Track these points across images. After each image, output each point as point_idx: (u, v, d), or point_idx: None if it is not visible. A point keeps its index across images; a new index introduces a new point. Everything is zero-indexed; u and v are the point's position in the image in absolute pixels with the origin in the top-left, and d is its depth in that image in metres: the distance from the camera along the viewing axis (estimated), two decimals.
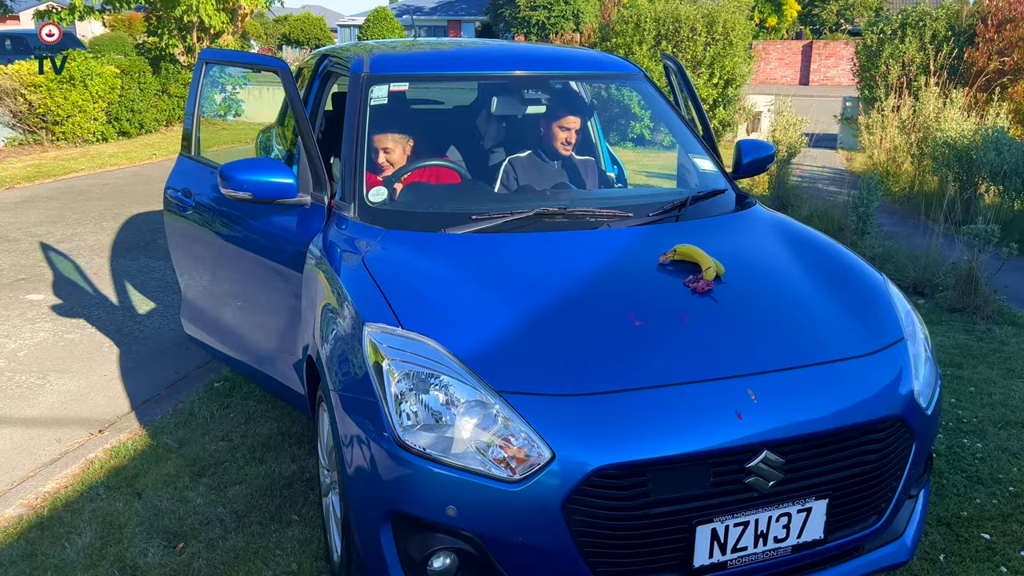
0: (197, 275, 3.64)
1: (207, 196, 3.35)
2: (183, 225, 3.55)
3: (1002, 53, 11.05)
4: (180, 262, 3.76)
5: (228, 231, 3.24)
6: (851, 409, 2.07)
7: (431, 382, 1.99)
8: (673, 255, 2.39)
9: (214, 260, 3.41)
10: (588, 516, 1.88)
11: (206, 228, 3.38)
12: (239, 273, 3.25)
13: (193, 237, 3.51)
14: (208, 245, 3.39)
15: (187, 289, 3.80)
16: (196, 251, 3.54)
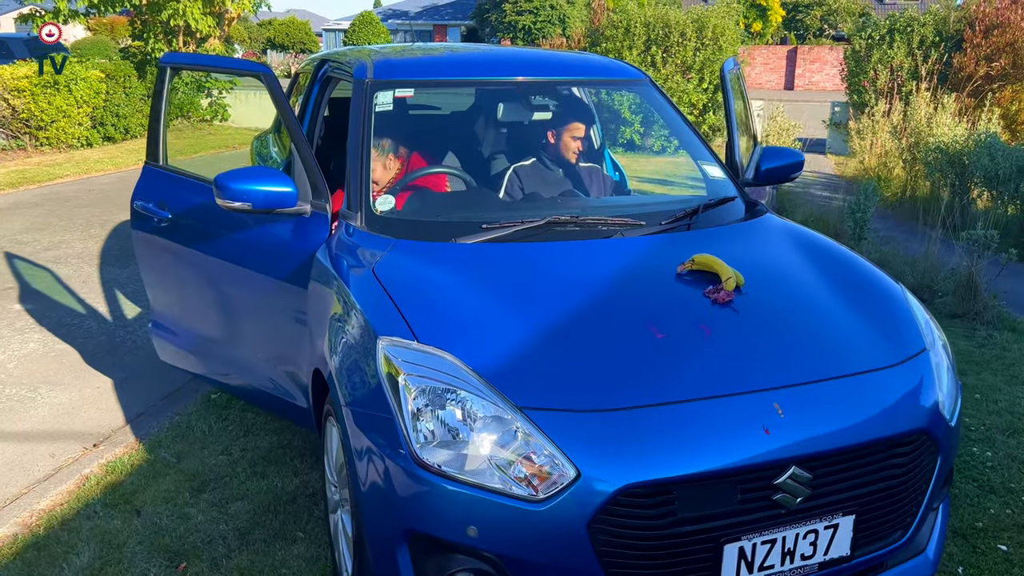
0: (175, 293, 3.40)
1: (186, 208, 3.14)
2: (157, 240, 3.28)
3: (989, 59, 11.13)
4: (154, 280, 3.49)
5: (215, 245, 3.03)
6: (877, 422, 2.02)
7: (449, 397, 1.93)
8: (691, 265, 2.34)
9: (197, 276, 3.19)
10: (614, 536, 1.82)
11: (187, 243, 3.15)
12: (229, 287, 3.08)
13: (170, 253, 3.25)
14: (189, 261, 3.16)
15: (162, 308, 3.51)
16: (174, 268, 3.30)
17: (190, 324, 3.39)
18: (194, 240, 3.14)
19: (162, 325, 3.52)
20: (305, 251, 2.74)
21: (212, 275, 3.12)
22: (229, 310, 3.15)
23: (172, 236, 3.21)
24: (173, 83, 3.39)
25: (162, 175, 3.30)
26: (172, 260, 3.28)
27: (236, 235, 2.97)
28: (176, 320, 3.45)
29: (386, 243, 2.51)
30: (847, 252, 2.68)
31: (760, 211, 2.95)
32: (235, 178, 2.63)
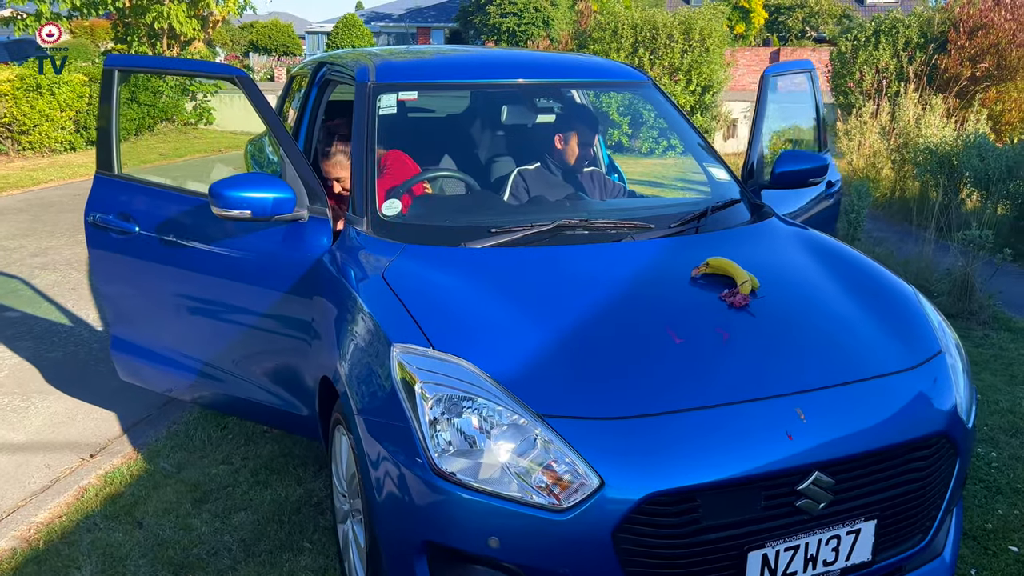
0: (145, 310, 3.18)
1: (162, 220, 2.94)
2: (121, 254, 3.06)
3: (974, 60, 11.22)
4: (116, 297, 3.25)
5: (198, 257, 2.87)
6: (898, 426, 2.01)
7: (467, 406, 1.89)
8: (706, 268, 2.32)
9: (176, 290, 3.03)
10: (638, 544, 1.79)
11: (162, 257, 2.96)
12: (216, 300, 2.94)
13: (140, 268, 3.04)
14: (165, 275, 3.00)
15: (126, 326, 3.27)
16: (144, 283, 3.10)
17: (165, 341, 3.18)
18: (172, 254, 2.94)
19: (127, 343, 3.27)
20: (304, 258, 2.68)
21: (195, 288, 2.97)
22: (216, 323, 3.01)
23: (143, 250, 2.99)
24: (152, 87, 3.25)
25: (122, 185, 3.08)
26: (143, 275, 3.07)
27: (223, 245, 2.83)
28: (146, 338, 3.23)
29: (394, 248, 2.47)
30: (857, 254, 2.67)
31: (766, 213, 2.94)
32: (231, 186, 2.57)
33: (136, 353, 3.27)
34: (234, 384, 3.06)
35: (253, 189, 2.58)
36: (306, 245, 2.69)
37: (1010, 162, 6.54)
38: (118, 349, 3.31)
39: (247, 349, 2.95)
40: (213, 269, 2.88)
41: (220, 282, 2.88)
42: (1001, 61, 11.11)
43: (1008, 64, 11.14)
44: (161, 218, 2.96)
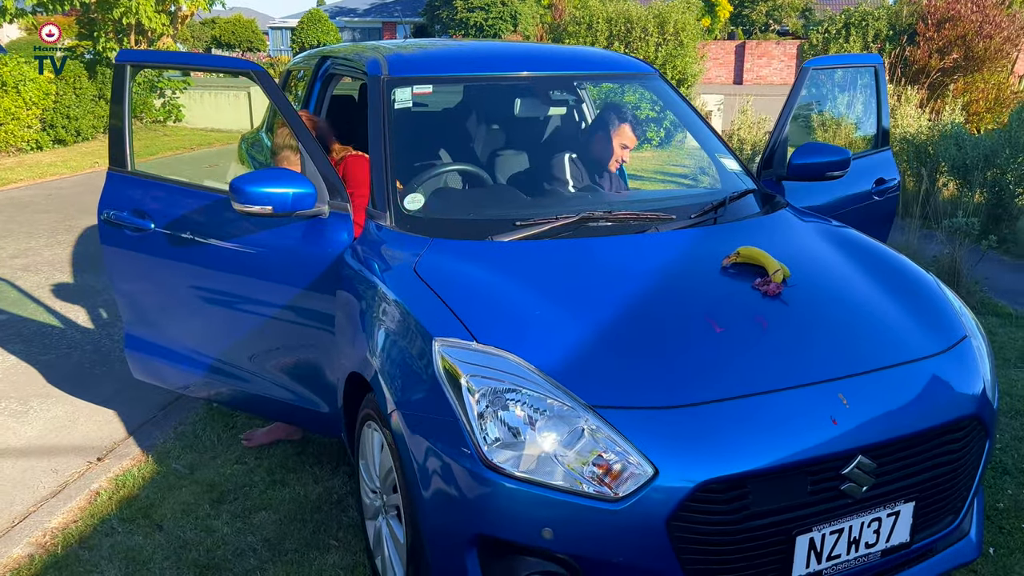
0: (161, 307, 3.14)
1: (179, 216, 2.90)
2: (138, 251, 3.01)
3: (942, 52, 11.47)
4: (132, 294, 3.18)
5: (217, 254, 2.83)
6: (934, 409, 2.05)
7: (516, 398, 1.89)
8: (736, 258, 2.34)
9: (194, 287, 2.97)
10: (691, 532, 1.81)
11: (180, 254, 2.92)
12: (235, 297, 2.89)
13: (156, 264, 2.99)
14: (183, 272, 2.95)
15: (141, 324, 3.21)
16: (161, 280, 3.05)
17: (182, 338, 3.14)
18: (189, 250, 2.90)
19: (142, 341, 3.22)
20: (325, 253, 2.65)
21: (212, 285, 2.93)
22: (234, 321, 2.96)
23: (159, 247, 2.95)
24: None
25: (137, 182, 3.02)
26: (159, 272, 3.02)
27: (241, 242, 2.79)
28: (162, 335, 3.18)
29: (421, 242, 2.46)
30: (875, 243, 2.72)
31: (779, 203, 2.97)
32: (252, 181, 2.54)
33: (151, 351, 3.21)
34: (252, 381, 3.01)
35: (274, 184, 2.54)
36: (327, 241, 2.66)
37: (987, 150, 6.69)
38: (132, 347, 3.24)
39: (266, 346, 2.91)
40: (231, 266, 2.83)
41: (239, 279, 2.84)
42: (968, 52, 11.37)
43: (975, 55, 11.41)
44: (177, 215, 2.91)
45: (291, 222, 2.68)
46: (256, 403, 3.10)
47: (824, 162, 3.14)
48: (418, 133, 3.20)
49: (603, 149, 3.22)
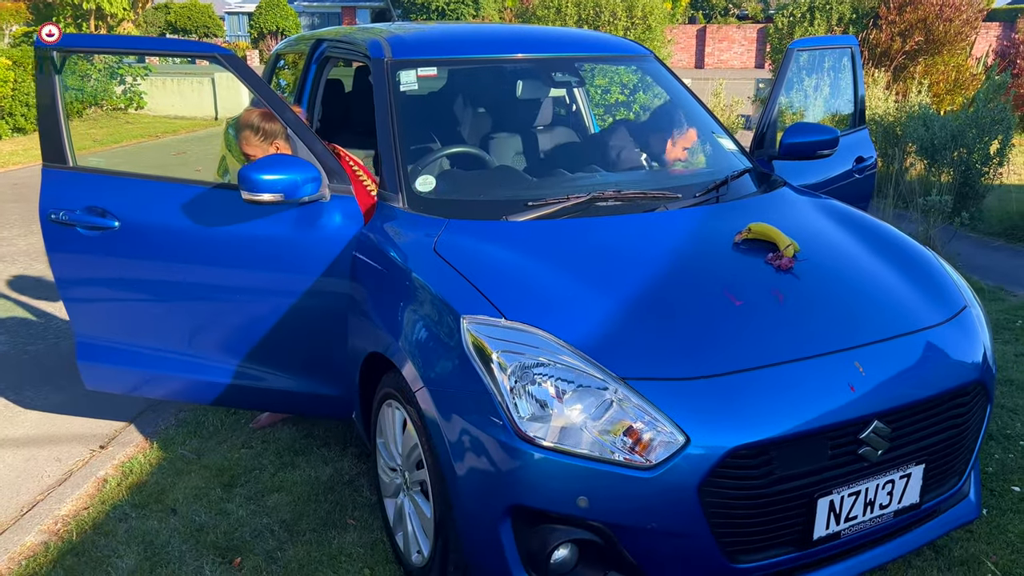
0: (135, 311, 2.92)
1: (154, 212, 2.74)
2: (98, 257, 2.81)
3: (903, 35, 11.70)
4: (93, 301, 2.94)
5: (204, 249, 2.71)
6: (942, 375, 2.15)
7: (549, 372, 1.93)
8: (748, 234, 2.41)
9: (178, 287, 2.80)
10: (720, 497, 1.88)
11: (158, 252, 2.76)
12: (230, 292, 2.77)
13: (127, 267, 2.82)
14: (164, 270, 2.79)
15: (106, 332, 2.97)
16: (136, 282, 2.85)
17: (160, 341, 2.94)
18: (172, 246, 2.75)
19: (104, 348, 2.98)
20: (329, 237, 2.65)
21: (202, 281, 2.77)
22: (228, 315, 2.83)
23: (129, 245, 2.77)
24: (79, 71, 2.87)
25: (89, 178, 2.81)
26: (130, 272, 2.83)
27: (234, 233, 2.69)
28: (133, 340, 2.96)
29: (438, 223, 2.48)
30: (873, 219, 2.81)
31: (777, 182, 3.05)
32: (260, 169, 2.49)
33: (117, 359, 2.98)
34: (249, 375, 2.91)
35: (282, 171, 2.51)
36: (333, 224, 2.65)
37: (954, 131, 6.87)
38: (90, 358, 2.99)
39: (266, 337, 2.83)
40: (223, 259, 2.73)
41: (233, 271, 2.74)
42: (929, 35, 11.62)
43: (936, 38, 11.66)
44: (153, 210, 2.75)
45: (289, 209, 2.64)
46: (256, 396, 2.97)
47: (814, 141, 3.22)
48: (421, 115, 3.21)
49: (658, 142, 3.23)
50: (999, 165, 6.80)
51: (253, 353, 2.86)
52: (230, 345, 2.87)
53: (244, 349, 2.86)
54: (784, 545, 1.99)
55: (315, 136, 2.71)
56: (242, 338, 2.85)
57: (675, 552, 1.92)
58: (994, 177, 6.86)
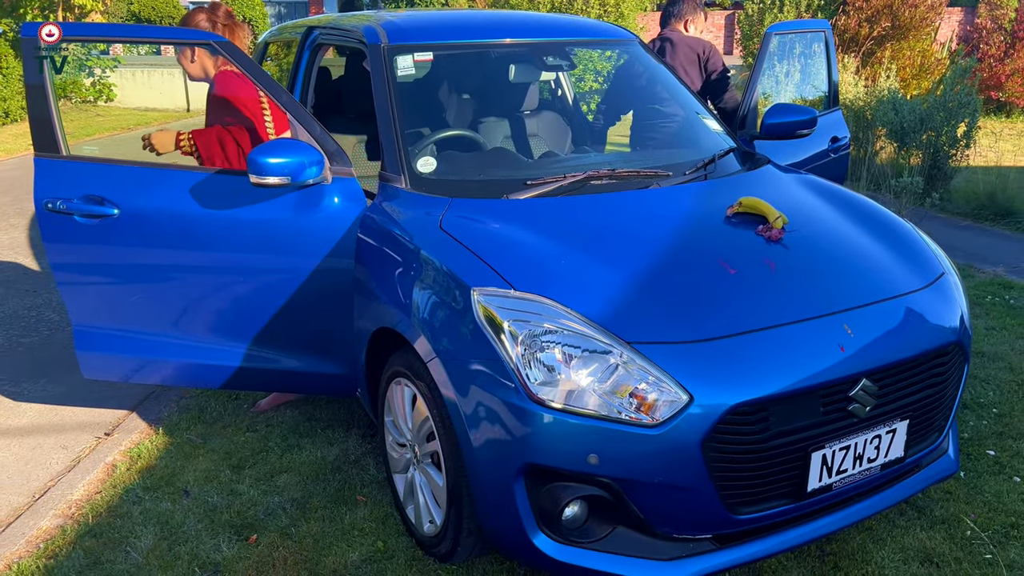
0: (136, 297, 2.95)
1: (155, 198, 2.78)
2: (97, 245, 2.84)
3: (870, 21, 11.94)
4: (91, 289, 2.96)
5: (211, 232, 2.77)
6: (924, 336, 2.29)
7: (558, 339, 2.04)
8: (739, 207, 2.53)
9: (182, 272, 2.86)
10: (721, 452, 2.00)
11: (160, 239, 2.80)
12: (234, 275, 2.82)
13: (127, 253, 2.86)
14: (167, 256, 2.84)
15: (106, 319, 2.99)
16: (137, 268, 2.90)
17: (163, 326, 2.97)
18: (174, 232, 2.79)
19: (104, 336, 3.01)
20: (331, 218, 2.72)
21: (207, 264, 2.83)
22: (233, 298, 2.88)
23: (129, 232, 2.81)
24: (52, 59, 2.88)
25: (85, 167, 2.84)
26: (131, 259, 2.88)
27: (238, 216, 2.74)
28: (134, 326, 2.99)
29: (441, 202, 2.57)
30: (854, 193, 2.94)
31: (761, 160, 3.17)
32: (268, 152, 2.57)
33: (117, 347, 3.01)
34: (253, 357, 2.96)
35: (289, 154, 2.59)
36: (335, 205, 2.72)
37: (923, 114, 7.07)
38: (90, 347, 3.01)
39: (272, 321, 2.88)
40: (228, 243, 2.78)
41: (237, 255, 2.79)
42: (895, 21, 11.86)
43: (902, 23, 11.91)
44: (154, 196, 2.79)
45: (291, 191, 2.71)
46: (263, 377, 3.04)
47: (794, 121, 3.36)
48: (418, 99, 3.29)
49: None
50: (966, 147, 7.02)
51: (259, 336, 2.92)
52: (236, 328, 2.94)
53: (250, 332, 2.92)
54: (781, 497, 2.12)
55: (314, 119, 2.78)
56: (248, 321, 2.91)
57: (680, 505, 2.03)
58: (961, 159, 7.08)
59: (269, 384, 3.11)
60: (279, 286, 2.82)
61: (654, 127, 3.42)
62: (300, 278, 2.79)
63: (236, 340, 2.95)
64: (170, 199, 2.80)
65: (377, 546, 2.56)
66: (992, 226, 6.52)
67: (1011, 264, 5.37)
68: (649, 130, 3.38)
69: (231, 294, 2.88)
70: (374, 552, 2.53)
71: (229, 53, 2.75)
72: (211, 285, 2.88)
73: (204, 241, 2.81)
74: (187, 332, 2.99)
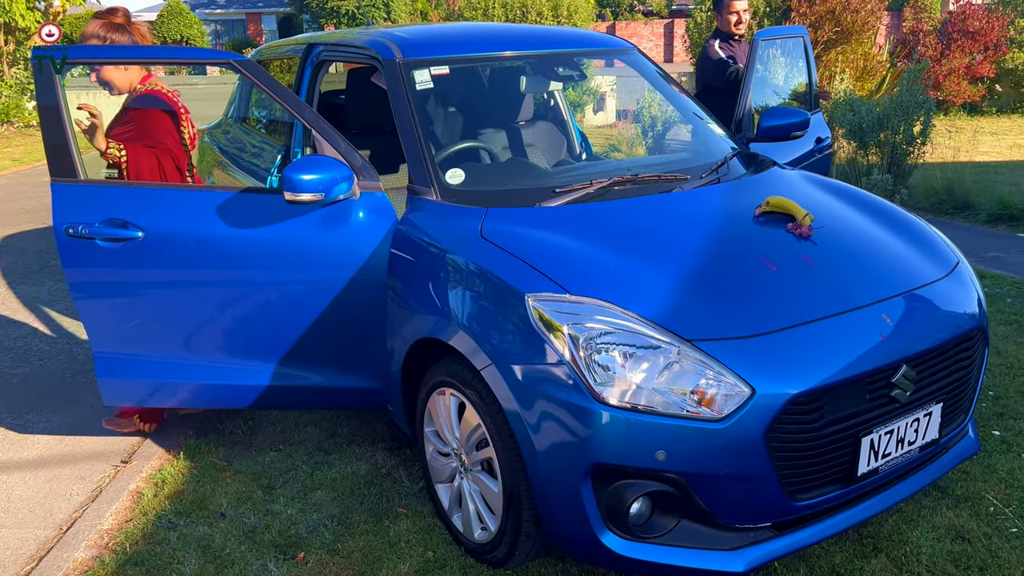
0: (161, 321, 2.92)
1: (182, 220, 2.77)
2: (121, 269, 2.83)
3: (815, 26, 12.36)
4: (113, 314, 2.92)
5: (241, 251, 2.76)
6: (952, 322, 2.41)
7: (617, 340, 2.09)
8: (766, 207, 2.62)
9: (212, 291, 2.85)
10: (782, 442, 2.07)
11: (188, 259, 2.80)
12: (266, 292, 2.81)
13: (151, 277, 2.85)
14: (196, 277, 2.83)
15: (129, 344, 2.95)
16: (164, 291, 2.89)
17: (189, 349, 2.96)
18: (203, 252, 2.78)
19: (126, 361, 2.97)
20: (360, 234, 2.73)
21: (236, 284, 2.83)
22: (263, 318, 2.86)
23: (155, 256, 2.79)
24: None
25: (106, 190, 2.83)
26: (157, 281, 2.86)
27: (268, 235, 2.74)
28: (159, 350, 2.97)
29: (477, 212, 2.60)
30: (862, 191, 3.07)
31: (766, 162, 3.28)
32: (301, 170, 2.58)
33: (140, 372, 2.98)
34: (287, 376, 2.94)
35: (319, 171, 2.59)
36: (363, 220, 2.73)
37: (880, 115, 7.36)
38: (111, 373, 2.97)
39: (303, 338, 2.87)
40: (256, 262, 2.77)
41: (267, 272, 2.78)
42: (839, 26, 12.31)
43: (845, 28, 12.37)
44: (180, 219, 2.78)
45: (320, 208, 2.71)
46: (293, 395, 3.01)
47: (789, 123, 3.50)
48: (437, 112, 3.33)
49: None
50: (922, 144, 7.33)
51: (290, 353, 2.91)
52: (266, 347, 2.91)
53: (280, 350, 2.90)
54: (835, 483, 2.21)
55: (339, 135, 2.78)
56: (278, 339, 2.89)
57: (744, 495, 2.10)
58: (918, 156, 7.38)
59: (299, 401, 3.09)
60: (308, 303, 2.81)
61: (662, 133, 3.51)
62: (330, 294, 2.79)
63: (266, 358, 2.93)
64: (196, 220, 2.78)
65: (427, 556, 2.57)
66: (951, 219, 6.82)
67: (978, 255, 5.63)
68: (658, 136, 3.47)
69: (261, 313, 2.86)
70: (425, 562, 2.54)
71: (252, 73, 2.75)
72: (240, 304, 2.86)
73: (232, 260, 2.79)
74: (215, 353, 2.96)
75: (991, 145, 10.59)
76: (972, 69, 13.28)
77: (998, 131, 11.98)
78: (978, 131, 11.03)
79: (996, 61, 13.49)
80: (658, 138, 3.51)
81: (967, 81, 13.33)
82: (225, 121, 4.76)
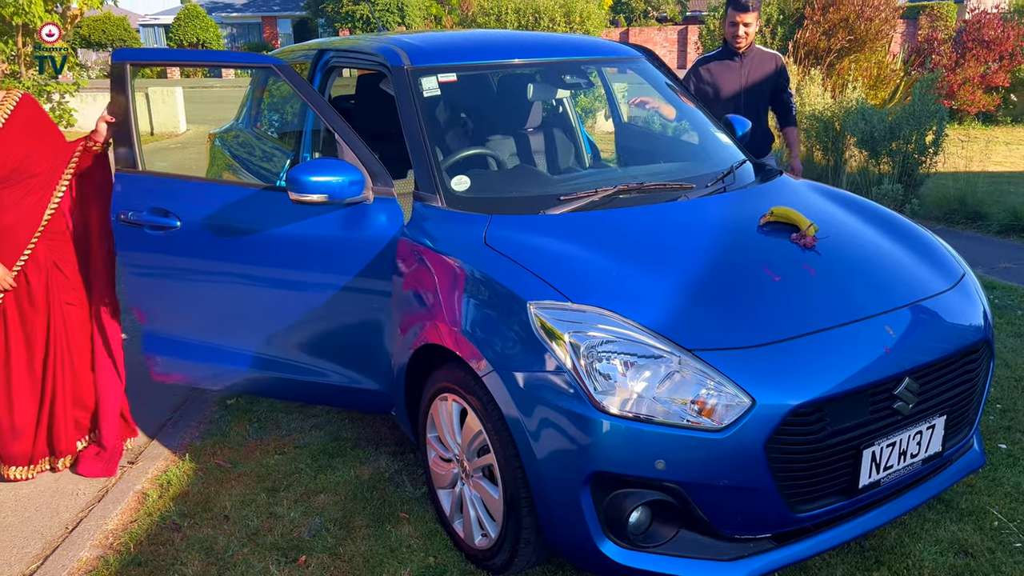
0: (192, 305, 3.16)
1: (210, 212, 2.95)
2: (161, 255, 3.06)
3: (828, 34, 12.33)
4: (152, 295, 3.16)
5: (258, 246, 2.90)
6: (956, 334, 2.40)
7: (618, 348, 2.09)
8: (771, 217, 2.62)
9: (230, 283, 3.03)
10: (783, 452, 2.07)
11: (212, 250, 2.98)
12: (279, 287, 2.95)
13: (186, 263, 3.06)
14: (219, 267, 3.02)
15: (164, 325, 3.20)
16: (194, 278, 3.10)
17: (214, 333, 3.16)
18: (225, 245, 2.96)
19: (164, 340, 3.22)
20: (373, 237, 2.75)
21: (254, 277, 2.99)
22: (277, 310, 3.00)
23: (188, 245, 3.00)
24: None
25: (153, 180, 3.08)
26: (189, 269, 3.08)
27: (283, 232, 2.85)
28: (191, 332, 3.19)
29: (481, 219, 2.61)
30: (869, 201, 3.06)
31: (773, 171, 3.28)
32: (308, 171, 2.64)
33: (175, 351, 3.21)
34: (297, 369, 3.06)
35: (328, 173, 2.64)
36: (373, 225, 2.76)
37: (892, 124, 7.33)
38: (154, 346, 3.23)
39: (313, 333, 2.97)
40: (273, 257, 2.90)
41: (281, 269, 2.91)
42: (852, 34, 12.28)
43: (858, 36, 12.33)
44: (209, 211, 2.95)
45: (334, 209, 2.77)
46: (306, 390, 3.14)
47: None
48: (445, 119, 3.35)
49: None
50: (935, 154, 7.30)
51: (300, 348, 3.02)
52: (277, 339, 3.04)
53: (291, 344, 3.03)
54: (836, 494, 2.20)
55: (361, 142, 2.82)
56: (288, 333, 3.02)
57: (743, 505, 2.10)
58: (930, 166, 7.35)
59: (313, 397, 3.20)
60: (323, 301, 2.88)
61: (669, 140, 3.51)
62: (343, 294, 2.82)
63: (279, 351, 3.05)
64: (223, 212, 2.95)
65: (428, 562, 2.57)
66: (964, 229, 6.78)
67: (989, 265, 5.60)
68: (665, 144, 3.48)
69: (278, 307, 2.98)
70: (426, 568, 2.55)
71: (288, 78, 2.81)
72: (260, 297, 3.00)
73: (253, 254, 2.93)
74: (238, 341, 3.13)
75: (1004, 155, 10.52)
76: (987, 78, 13.20)
77: (1012, 141, 11.90)
78: (992, 141, 10.96)
79: (1011, 70, 13.39)
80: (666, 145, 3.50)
81: (982, 90, 13.25)
82: (236, 125, 4.80)
